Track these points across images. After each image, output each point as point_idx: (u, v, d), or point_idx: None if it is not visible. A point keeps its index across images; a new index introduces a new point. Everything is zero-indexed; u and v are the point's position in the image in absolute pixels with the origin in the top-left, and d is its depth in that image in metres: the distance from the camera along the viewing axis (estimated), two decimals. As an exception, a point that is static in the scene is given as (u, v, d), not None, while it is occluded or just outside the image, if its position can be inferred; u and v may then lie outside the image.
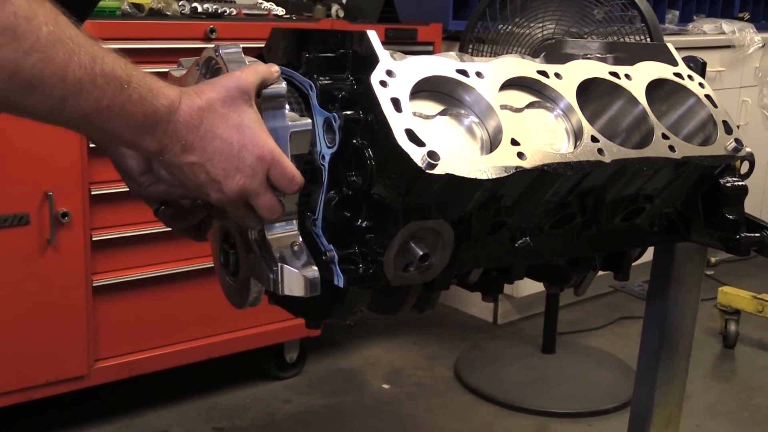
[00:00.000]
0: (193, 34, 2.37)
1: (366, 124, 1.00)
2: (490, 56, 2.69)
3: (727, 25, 3.96)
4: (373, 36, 1.03)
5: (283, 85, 0.98)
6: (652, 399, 1.57)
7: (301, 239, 1.01)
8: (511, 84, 1.11)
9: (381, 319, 3.23)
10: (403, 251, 1.01)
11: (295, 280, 0.98)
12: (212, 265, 1.18)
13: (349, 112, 1.01)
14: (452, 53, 1.30)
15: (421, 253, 1.00)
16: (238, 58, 0.97)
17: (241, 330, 2.67)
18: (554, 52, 1.48)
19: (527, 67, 1.13)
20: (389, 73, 1.00)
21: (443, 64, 1.06)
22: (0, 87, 0.74)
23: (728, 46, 3.99)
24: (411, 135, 0.96)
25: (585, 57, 1.41)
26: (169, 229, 1.12)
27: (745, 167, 1.32)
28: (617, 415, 2.73)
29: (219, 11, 2.55)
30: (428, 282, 1.11)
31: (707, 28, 4.00)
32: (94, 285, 2.36)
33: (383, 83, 0.99)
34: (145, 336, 2.50)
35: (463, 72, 1.06)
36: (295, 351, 2.91)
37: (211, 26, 2.38)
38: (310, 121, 1.01)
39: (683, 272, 1.52)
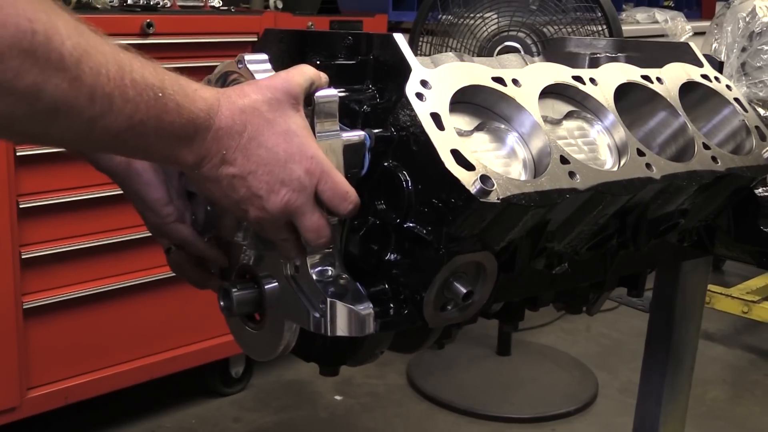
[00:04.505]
0: (128, 30, 2.16)
1: (400, 143, 0.86)
2: (444, 49, 2.57)
3: (659, 14, 3.95)
4: (401, 40, 0.89)
5: (334, 90, 0.84)
6: (658, 417, 1.49)
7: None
8: (546, 91, 0.99)
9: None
10: (444, 289, 0.87)
11: (348, 317, 0.83)
12: (152, 279, 1.01)
13: (377, 130, 0.87)
14: (451, 54, 1.17)
15: (464, 291, 0.87)
16: (267, 68, 0.81)
17: (184, 347, 2.48)
18: (556, 50, 1.37)
19: (562, 72, 1.01)
20: (424, 83, 0.87)
21: (478, 71, 0.93)
22: (18, 117, 0.59)
23: (661, 35, 3.98)
24: (458, 157, 0.82)
25: (593, 56, 1.30)
26: (107, 242, 0.96)
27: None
28: (580, 417, 2.67)
29: (152, 3, 2.34)
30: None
31: (640, 17, 3.98)
32: (24, 307, 2.13)
33: (419, 96, 0.85)
34: (80, 360, 2.28)
35: (500, 80, 0.93)
36: (240, 365, 2.73)
37: (148, 20, 2.18)
38: (363, 133, 0.86)
39: (689, 284, 1.44)
